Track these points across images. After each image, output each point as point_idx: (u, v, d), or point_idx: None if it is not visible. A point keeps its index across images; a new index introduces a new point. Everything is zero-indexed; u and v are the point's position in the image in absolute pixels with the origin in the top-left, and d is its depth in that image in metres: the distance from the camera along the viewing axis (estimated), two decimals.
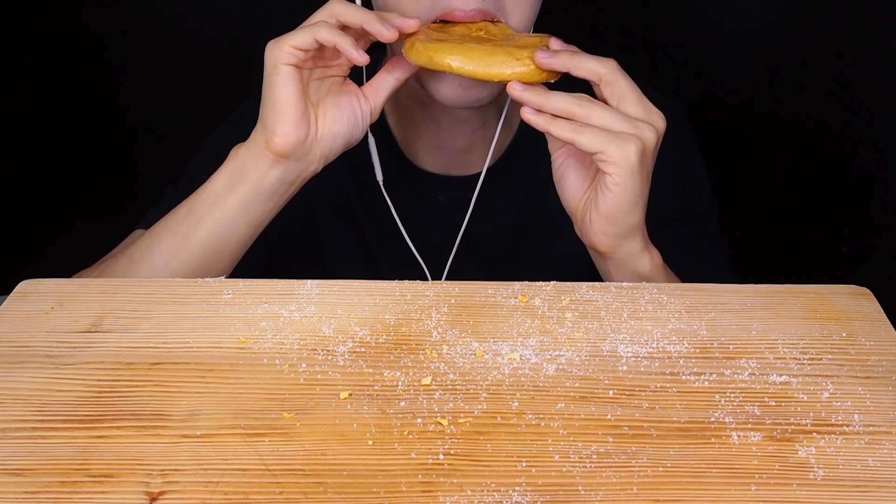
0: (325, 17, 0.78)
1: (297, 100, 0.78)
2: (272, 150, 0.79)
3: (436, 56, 0.75)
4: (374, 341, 0.64)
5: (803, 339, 0.64)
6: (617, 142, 0.72)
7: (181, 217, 0.82)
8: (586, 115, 0.72)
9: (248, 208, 0.81)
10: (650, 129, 0.73)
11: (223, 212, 0.81)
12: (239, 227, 0.82)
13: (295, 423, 0.56)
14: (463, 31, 0.79)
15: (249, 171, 0.80)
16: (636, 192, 0.74)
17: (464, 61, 0.74)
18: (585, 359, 0.62)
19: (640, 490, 0.52)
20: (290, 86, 0.77)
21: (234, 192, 0.81)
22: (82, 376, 0.60)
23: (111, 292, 0.69)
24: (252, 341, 0.64)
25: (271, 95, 0.78)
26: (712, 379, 0.61)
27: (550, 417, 0.57)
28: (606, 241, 0.77)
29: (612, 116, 0.73)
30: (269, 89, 0.78)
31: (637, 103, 0.74)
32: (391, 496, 0.51)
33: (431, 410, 0.57)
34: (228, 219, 0.81)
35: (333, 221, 1.00)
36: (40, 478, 0.52)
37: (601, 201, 0.75)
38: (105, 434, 0.55)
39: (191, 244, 0.81)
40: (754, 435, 0.56)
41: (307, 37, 0.76)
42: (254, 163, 0.80)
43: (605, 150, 0.72)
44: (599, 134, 0.72)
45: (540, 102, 0.73)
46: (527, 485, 0.52)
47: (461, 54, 0.75)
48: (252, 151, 0.80)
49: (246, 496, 0.51)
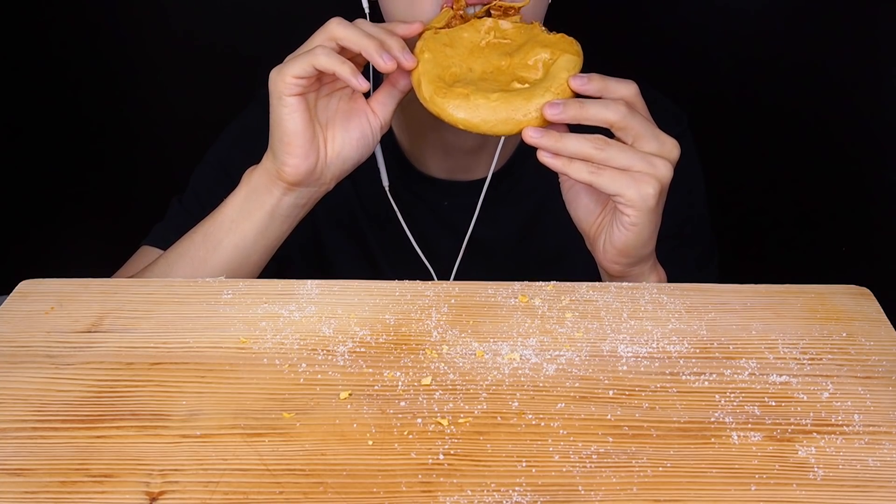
0: (322, 40, 0.77)
1: (305, 130, 0.78)
2: (283, 179, 0.80)
3: (443, 113, 0.74)
4: (374, 341, 0.64)
5: (803, 339, 0.64)
6: (635, 185, 0.72)
7: (198, 242, 0.83)
8: (603, 158, 0.72)
9: (264, 233, 0.82)
10: (666, 165, 0.73)
11: (240, 237, 0.82)
12: (256, 250, 0.83)
13: (295, 423, 0.56)
14: (472, 38, 0.78)
15: (263, 198, 0.81)
16: (652, 229, 0.75)
17: (470, 115, 0.73)
18: (585, 359, 0.62)
19: (640, 490, 0.52)
20: (296, 117, 0.77)
21: (249, 218, 0.82)
22: (82, 376, 0.60)
23: (111, 292, 0.69)
24: (252, 341, 0.64)
25: (279, 128, 0.78)
26: (712, 379, 0.61)
27: (550, 417, 0.57)
28: (618, 268, 0.78)
29: (629, 157, 0.72)
30: (276, 121, 0.78)
31: (652, 137, 0.73)
32: (391, 496, 0.51)
33: (431, 410, 0.57)
34: (246, 244, 0.82)
35: (336, 229, 1.00)
36: (40, 478, 0.52)
37: (616, 236, 0.76)
38: (105, 434, 0.55)
39: (209, 268, 0.82)
40: (754, 435, 0.56)
41: (306, 66, 0.75)
42: (266, 190, 0.81)
43: (623, 193, 0.72)
44: (617, 177, 0.72)
45: (556, 147, 0.72)
46: (527, 485, 0.52)
47: (468, 112, 0.73)
48: (264, 179, 0.81)
49: (246, 496, 0.51)
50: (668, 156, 0.74)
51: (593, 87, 0.73)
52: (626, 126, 0.72)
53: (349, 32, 0.76)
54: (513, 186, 0.98)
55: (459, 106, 0.73)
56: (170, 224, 0.96)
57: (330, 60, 0.75)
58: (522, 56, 0.76)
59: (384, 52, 0.75)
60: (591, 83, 0.73)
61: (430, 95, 0.75)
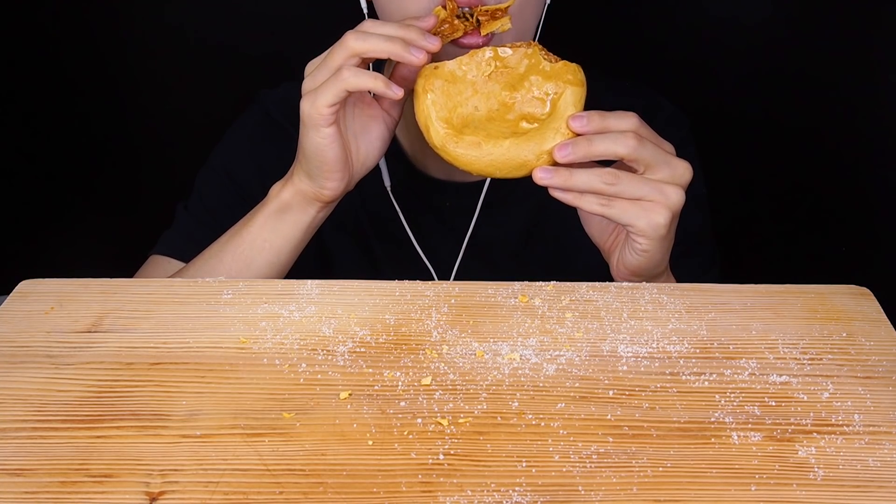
0: (343, 59, 0.75)
1: (342, 154, 0.79)
2: (323, 200, 0.81)
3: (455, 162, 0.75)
4: (374, 341, 0.64)
5: (803, 339, 0.64)
6: (646, 216, 0.72)
7: (228, 262, 0.84)
8: (614, 192, 0.72)
9: (299, 247, 0.84)
10: (677, 192, 0.73)
11: (274, 255, 0.83)
12: (288, 263, 0.85)
13: (295, 423, 0.56)
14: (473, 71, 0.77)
15: (299, 217, 0.82)
16: (664, 252, 0.76)
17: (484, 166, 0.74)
18: (585, 359, 0.62)
19: (640, 490, 0.52)
20: (335, 146, 0.78)
21: (284, 236, 0.83)
22: (82, 376, 0.60)
23: (111, 292, 0.69)
24: (252, 341, 0.64)
25: (318, 157, 0.78)
26: (712, 379, 0.61)
27: (550, 417, 0.57)
28: (632, 282, 0.78)
29: (640, 188, 0.73)
30: (314, 151, 0.78)
31: (663, 164, 0.73)
32: (391, 496, 0.51)
33: (431, 410, 0.57)
34: (280, 261, 0.84)
35: (338, 229, 1.00)
36: (40, 478, 0.52)
37: (628, 259, 0.76)
38: (105, 434, 0.55)
39: None
40: (754, 435, 0.56)
41: (338, 92, 0.75)
42: (302, 210, 0.82)
43: (634, 224, 0.73)
44: (628, 208, 0.73)
45: (567, 185, 0.73)
46: (527, 485, 0.52)
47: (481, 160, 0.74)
48: (299, 199, 0.82)
49: (246, 496, 0.51)
50: (680, 181, 0.74)
51: (593, 127, 0.73)
52: (637, 158, 0.72)
53: (369, 44, 0.75)
54: (514, 188, 0.98)
55: (472, 155, 0.74)
56: (178, 232, 0.97)
57: (361, 80, 0.74)
58: (526, 89, 0.76)
59: (412, 48, 0.75)
60: (590, 124, 0.73)
61: (442, 143, 0.75)
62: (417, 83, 0.76)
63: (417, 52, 0.74)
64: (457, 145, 0.75)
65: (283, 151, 0.98)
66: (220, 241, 0.86)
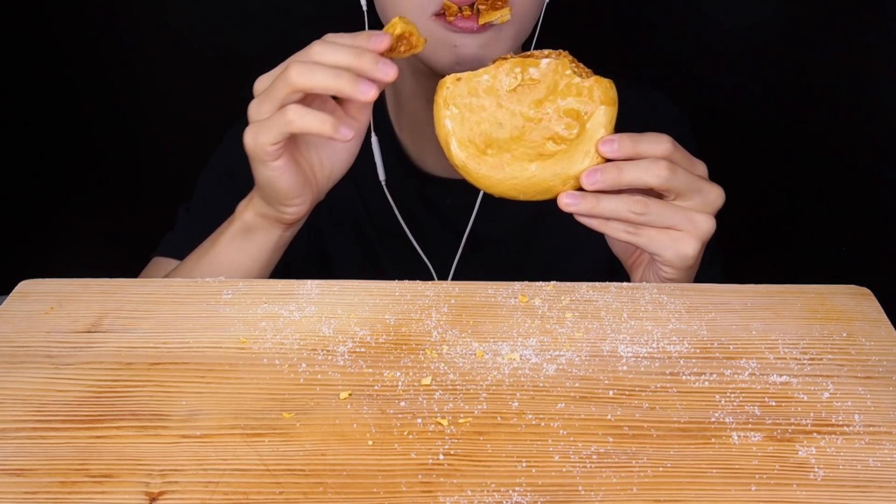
0: (285, 95, 0.70)
1: (298, 181, 0.76)
2: (286, 222, 0.79)
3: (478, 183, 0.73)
4: (374, 341, 0.64)
5: (803, 339, 0.64)
6: (674, 246, 0.71)
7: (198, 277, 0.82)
8: (643, 220, 0.70)
9: (269, 264, 0.82)
10: (708, 220, 0.72)
11: (244, 272, 0.81)
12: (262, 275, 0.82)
13: (295, 423, 0.56)
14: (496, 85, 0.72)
15: (263, 238, 0.80)
16: (690, 277, 0.75)
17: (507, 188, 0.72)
18: (585, 359, 0.62)
19: (640, 490, 0.52)
20: (287, 176, 0.74)
21: (251, 256, 0.80)
22: (82, 376, 0.60)
23: (111, 292, 0.69)
24: (252, 341, 0.64)
25: (271, 188, 0.75)
26: (712, 379, 0.61)
27: (550, 417, 0.57)
28: None
29: (669, 217, 0.71)
30: (265, 183, 0.75)
31: (695, 192, 0.71)
32: (391, 496, 0.51)
33: (431, 410, 0.57)
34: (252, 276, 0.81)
35: (337, 225, 1.00)
36: (40, 478, 0.52)
37: (652, 279, 0.76)
38: (105, 434, 0.55)
39: None
40: (754, 435, 0.56)
41: (279, 133, 0.71)
42: (266, 231, 0.80)
43: (662, 254, 0.72)
44: (656, 238, 0.71)
45: (594, 212, 0.71)
46: (527, 485, 0.52)
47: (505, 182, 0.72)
48: (260, 221, 0.80)
49: (246, 496, 0.51)
50: (711, 208, 0.72)
51: (624, 152, 0.70)
52: (669, 186, 0.70)
53: (314, 80, 0.69)
54: None
55: (495, 178, 0.72)
56: (180, 233, 0.96)
57: (304, 121, 0.70)
58: (554, 105, 0.72)
59: (360, 84, 0.69)
60: (621, 149, 0.70)
61: (462, 164, 0.72)
62: (437, 94, 0.72)
63: (366, 89, 0.69)
64: (479, 167, 0.72)
65: None
66: (193, 256, 0.84)
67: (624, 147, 0.70)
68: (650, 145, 0.70)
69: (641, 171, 0.70)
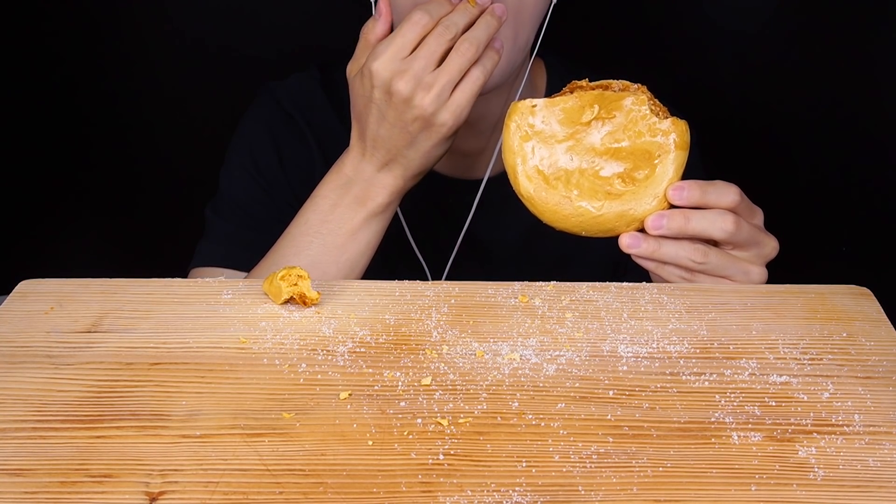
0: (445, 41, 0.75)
1: None
2: (416, 180, 0.81)
3: (542, 216, 0.73)
4: (374, 341, 0.64)
5: (803, 340, 0.64)
6: None
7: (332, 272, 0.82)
8: (700, 269, 0.71)
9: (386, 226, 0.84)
10: (761, 272, 0.73)
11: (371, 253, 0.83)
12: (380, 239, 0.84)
13: (295, 423, 0.56)
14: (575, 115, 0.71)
15: (390, 214, 0.82)
16: None
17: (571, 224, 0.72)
18: (585, 359, 0.62)
19: (640, 490, 0.52)
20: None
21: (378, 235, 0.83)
22: (82, 376, 0.60)
23: (111, 292, 0.69)
24: (252, 341, 0.64)
25: (436, 156, 0.78)
26: (712, 379, 0.61)
27: (550, 417, 0.57)
28: None
29: (726, 266, 0.72)
30: (439, 156, 0.78)
31: (753, 245, 0.72)
32: (391, 496, 0.51)
33: (431, 410, 0.57)
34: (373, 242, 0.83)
35: None
36: (40, 478, 0.52)
37: None
38: (105, 434, 0.55)
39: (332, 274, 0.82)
40: (754, 435, 0.56)
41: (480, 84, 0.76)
42: (394, 207, 0.82)
43: None
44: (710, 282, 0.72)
45: (654, 256, 0.71)
46: (527, 485, 0.52)
47: (570, 217, 0.72)
48: (395, 197, 0.81)
49: (246, 496, 0.51)
50: (765, 260, 0.73)
51: (692, 200, 0.70)
52: (732, 241, 0.71)
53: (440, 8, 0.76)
54: None
55: (561, 213, 0.72)
56: (215, 239, 0.95)
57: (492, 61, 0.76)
58: (629, 143, 0.71)
59: None
60: (689, 197, 0.70)
61: (530, 195, 0.72)
62: (509, 118, 0.72)
63: None
64: (546, 200, 0.71)
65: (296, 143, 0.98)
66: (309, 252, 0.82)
67: (693, 196, 0.70)
68: (718, 197, 0.71)
69: (708, 223, 0.70)
